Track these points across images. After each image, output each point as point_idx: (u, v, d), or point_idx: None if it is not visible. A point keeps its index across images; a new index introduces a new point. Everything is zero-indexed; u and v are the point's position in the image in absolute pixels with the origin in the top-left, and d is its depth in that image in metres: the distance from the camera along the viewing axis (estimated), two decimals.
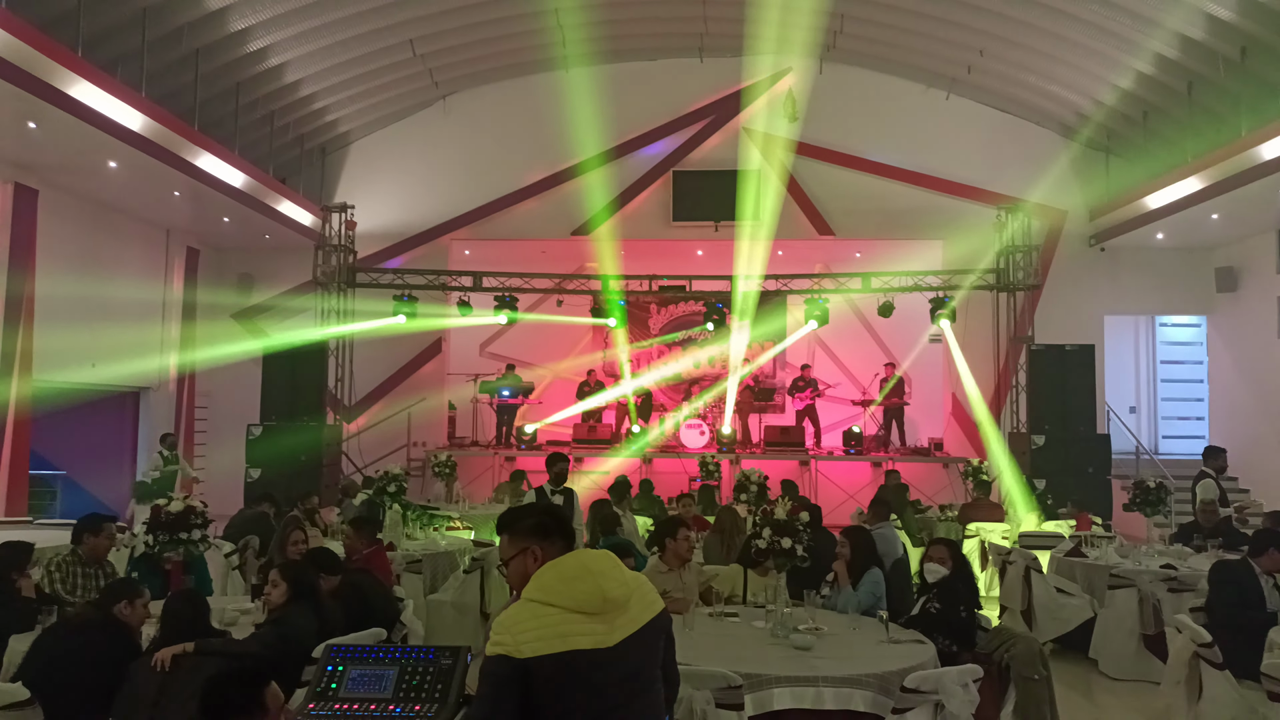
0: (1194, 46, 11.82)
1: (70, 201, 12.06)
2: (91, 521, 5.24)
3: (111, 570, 5.21)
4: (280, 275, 15.91)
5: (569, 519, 2.61)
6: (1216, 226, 13.69)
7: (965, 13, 13.14)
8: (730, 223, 15.62)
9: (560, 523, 2.53)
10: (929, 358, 16.05)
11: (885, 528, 6.95)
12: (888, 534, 6.86)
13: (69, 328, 12.12)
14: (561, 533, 2.49)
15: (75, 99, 9.29)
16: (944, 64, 14.79)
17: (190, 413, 15.06)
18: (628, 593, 2.36)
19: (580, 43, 15.13)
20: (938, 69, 15.02)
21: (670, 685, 2.52)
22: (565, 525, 2.53)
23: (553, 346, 16.66)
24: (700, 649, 4.19)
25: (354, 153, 16.39)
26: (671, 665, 2.53)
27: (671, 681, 2.53)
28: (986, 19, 13.11)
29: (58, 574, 5.03)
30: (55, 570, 5.05)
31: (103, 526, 5.23)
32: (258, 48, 12.38)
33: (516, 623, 2.27)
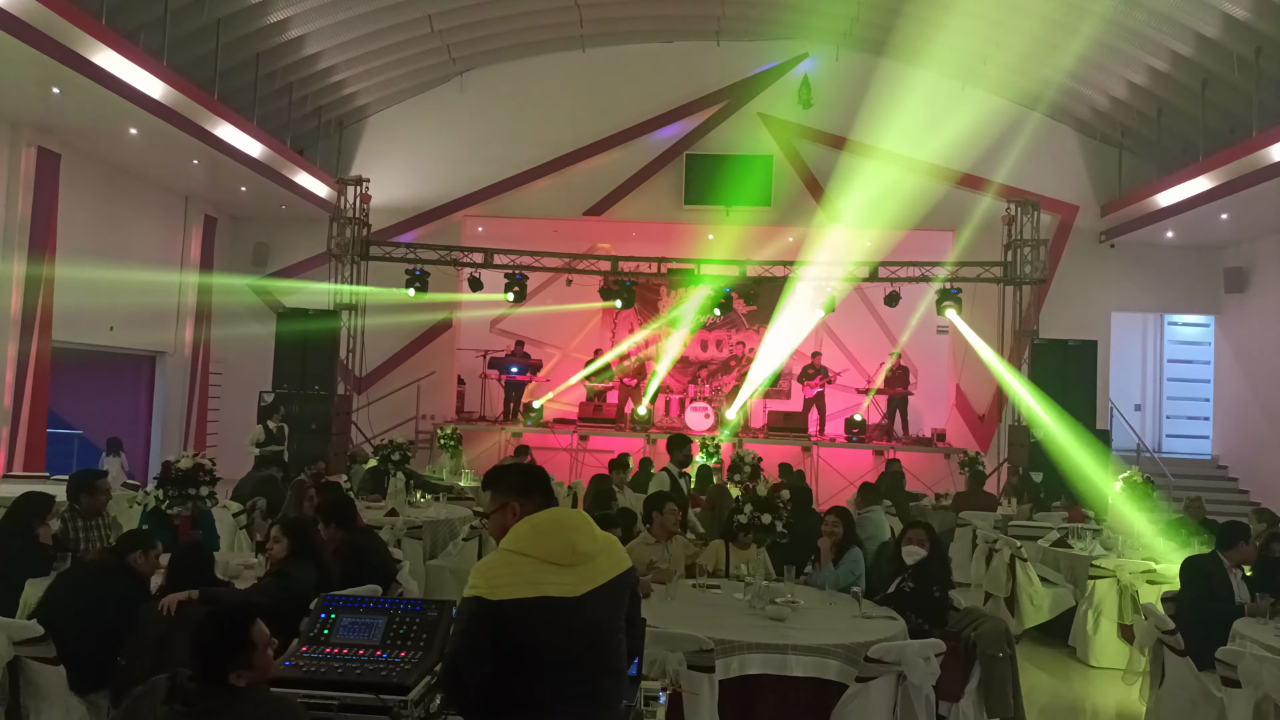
0: (1208, 44, 11.81)
1: (91, 166, 12.29)
2: (85, 479, 5.51)
3: (110, 522, 5.45)
4: (295, 246, 16.13)
5: (549, 479, 2.79)
6: (1226, 226, 13.71)
7: (983, 4, 13.13)
8: (741, 207, 15.73)
9: (540, 481, 2.72)
10: (935, 349, 16.14)
11: (874, 511, 7.11)
12: (875, 517, 7.02)
13: (88, 290, 12.36)
14: (540, 490, 2.67)
15: (98, 65, 9.48)
16: (959, 54, 14.76)
17: (205, 379, 15.34)
18: (596, 549, 2.55)
19: (598, 23, 15.23)
20: (952, 59, 14.98)
21: (634, 637, 2.71)
22: (545, 484, 2.72)
23: (563, 325, 16.82)
24: (680, 616, 4.39)
25: (371, 126, 16.55)
26: (636, 619, 2.72)
27: (635, 634, 2.72)
28: (1003, 11, 13.11)
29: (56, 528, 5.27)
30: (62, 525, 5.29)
31: (96, 484, 5.48)
32: (278, 19, 12.53)
33: (491, 569, 2.48)
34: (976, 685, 4.43)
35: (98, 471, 5.65)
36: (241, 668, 2.51)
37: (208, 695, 2.44)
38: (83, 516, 5.44)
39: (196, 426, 15.04)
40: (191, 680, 2.47)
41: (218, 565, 4.55)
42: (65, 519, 5.43)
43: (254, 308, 16.13)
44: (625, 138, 15.98)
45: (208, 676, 2.47)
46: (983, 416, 15.50)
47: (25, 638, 3.61)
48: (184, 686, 2.46)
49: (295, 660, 3.05)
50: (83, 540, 5.36)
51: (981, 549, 7.88)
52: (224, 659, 2.50)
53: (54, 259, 11.29)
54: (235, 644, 2.52)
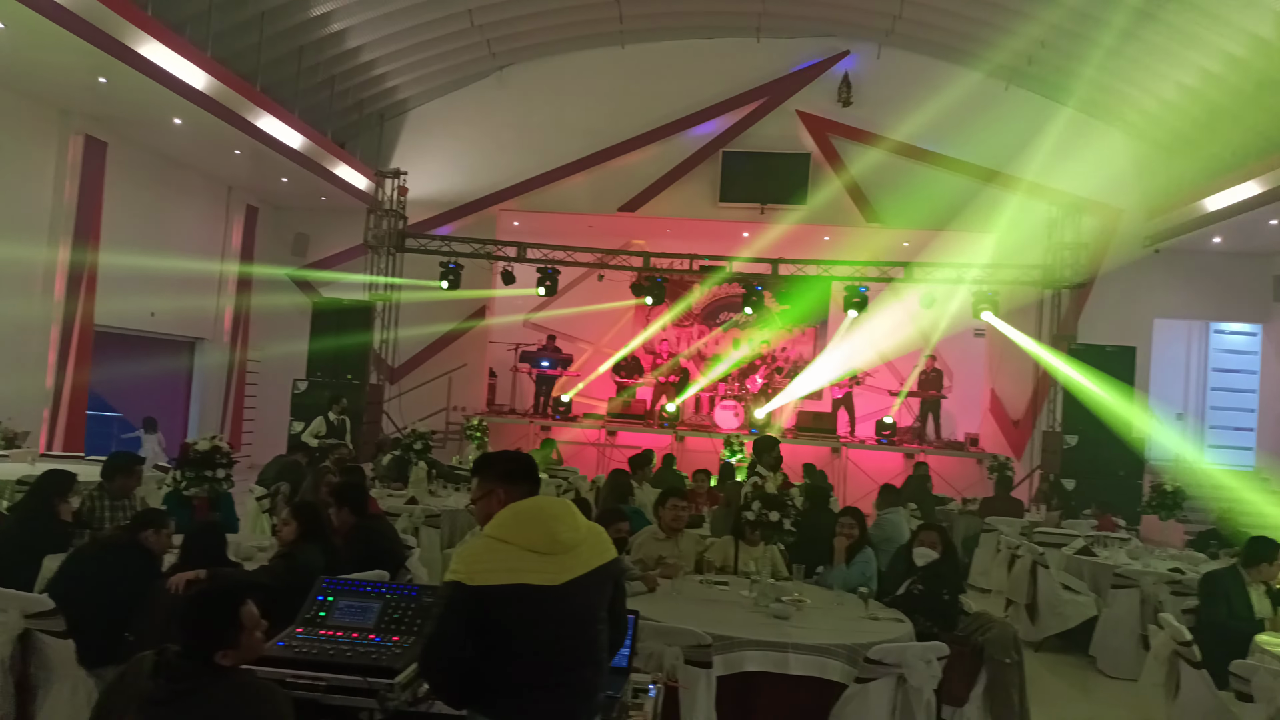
0: (1262, 46, 11.47)
1: (137, 155, 12.58)
2: (124, 460, 5.61)
3: (138, 503, 5.56)
4: (334, 237, 16.35)
5: (536, 468, 2.78)
6: (1276, 233, 13.32)
7: (1028, 2, 12.91)
8: (777, 206, 15.63)
9: (526, 470, 2.71)
10: (971, 352, 15.92)
11: (894, 513, 7.05)
12: (895, 519, 6.96)
13: (131, 276, 12.66)
14: (526, 478, 2.68)
15: (144, 56, 9.69)
16: (1004, 54, 14.50)
17: (242, 366, 15.63)
18: (579, 539, 2.55)
19: (638, 19, 15.22)
20: (998, 58, 14.73)
21: (616, 629, 2.70)
22: (531, 472, 2.72)
23: (595, 321, 16.85)
24: (683, 610, 4.38)
25: (411, 120, 16.71)
26: (619, 610, 2.72)
27: (618, 625, 2.72)
28: (1050, 9, 12.85)
29: (86, 506, 5.40)
30: (84, 504, 5.42)
31: (134, 468, 5.60)
32: (321, 13, 12.71)
33: (472, 554, 2.51)
34: (983, 691, 4.36)
35: (137, 456, 5.80)
36: (228, 647, 2.56)
37: (191, 673, 2.48)
38: (111, 496, 5.58)
39: (233, 412, 15.32)
40: (178, 657, 2.52)
41: (231, 547, 4.64)
42: (94, 497, 5.57)
43: (293, 297, 16.39)
44: (662, 134, 15.95)
45: (193, 654, 2.52)
46: (1017, 422, 15.24)
47: (36, 610, 3.71)
48: (169, 663, 2.50)
49: (289, 641, 3.10)
50: (109, 519, 5.49)
51: (1004, 555, 7.76)
52: (211, 638, 2.54)
53: (98, 245, 11.58)
54: (223, 623, 2.57)
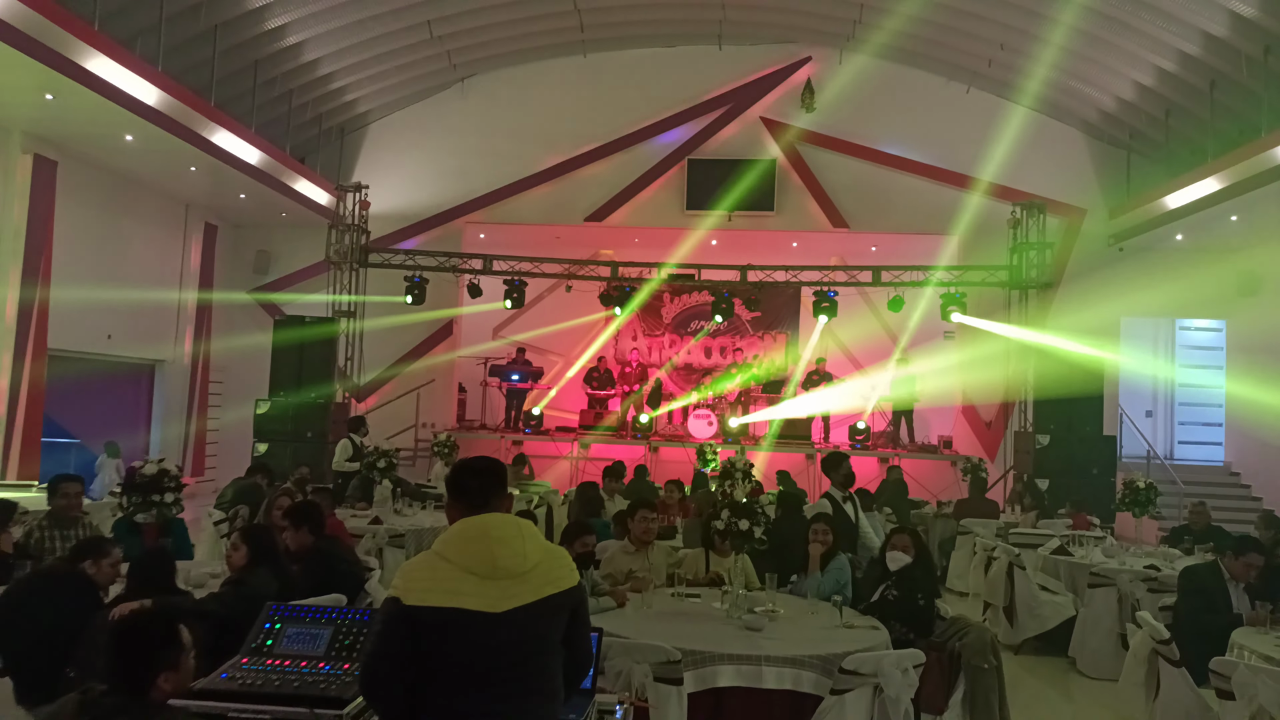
0: (1216, 44, 11.63)
1: (89, 174, 12.29)
2: (53, 482, 5.38)
3: (90, 530, 5.33)
4: (296, 253, 16.10)
5: (496, 479, 2.58)
6: (1237, 228, 13.47)
7: (986, 5, 13.01)
8: (744, 213, 15.61)
9: (479, 482, 2.52)
10: (941, 354, 15.93)
11: (868, 518, 6.94)
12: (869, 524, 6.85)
13: (86, 299, 12.36)
14: (475, 492, 2.50)
15: (91, 72, 9.46)
16: (965, 57, 14.65)
17: (204, 387, 15.31)
18: (526, 564, 2.38)
19: (598, 28, 15.16)
20: (958, 62, 14.88)
21: (576, 663, 2.53)
22: (482, 484, 2.51)
23: (565, 332, 16.68)
24: (652, 626, 4.24)
25: (372, 133, 16.53)
26: (580, 641, 2.53)
27: (578, 657, 2.54)
28: (1007, 12, 12.97)
29: (35, 536, 5.16)
30: (32, 534, 5.18)
31: (61, 488, 5.34)
32: (275, 25, 12.52)
33: (412, 570, 2.37)
34: (962, 698, 4.26)
35: (70, 475, 5.52)
36: (168, 669, 2.40)
37: (120, 710, 2.32)
38: (59, 525, 5.35)
39: (196, 435, 14.99)
40: (104, 695, 2.35)
41: (182, 574, 4.44)
42: (41, 526, 5.33)
43: (255, 316, 16.13)
44: (627, 143, 15.90)
45: (129, 684, 2.35)
46: (989, 423, 15.29)
47: None
48: (95, 702, 2.33)
49: (233, 672, 2.93)
50: (58, 549, 5.26)
51: (980, 557, 7.70)
52: (150, 661, 2.38)
53: (50, 267, 11.27)
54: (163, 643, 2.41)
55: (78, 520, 5.40)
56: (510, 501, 2.63)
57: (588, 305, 15.35)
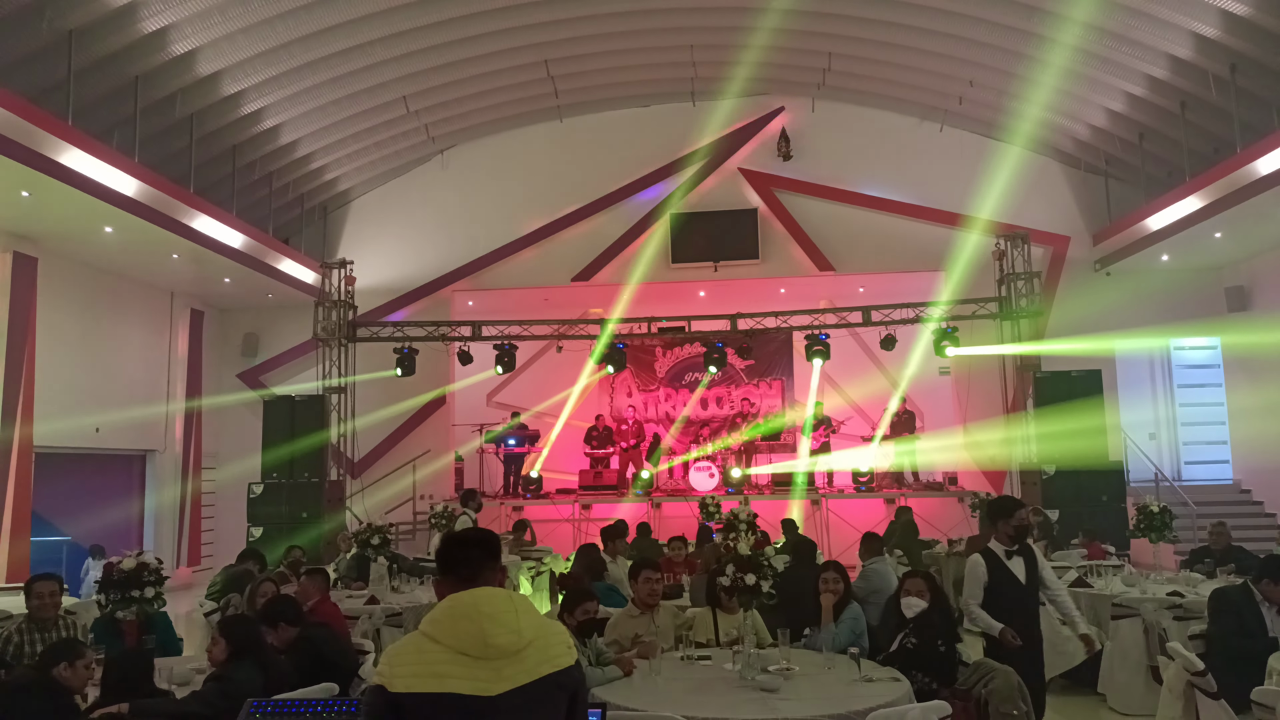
0: (1183, 66, 11.76)
1: (71, 268, 12.24)
2: (27, 585, 5.17)
3: (71, 630, 5.10)
4: (285, 334, 16.04)
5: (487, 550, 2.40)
6: (1222, 245, 13.49)
7: (951, 44, 13.18)
8: (730, 263, 15.62)
9: (465, 554, 2.35)
10: (940, 391, 15.82)
11: (879, 562, 6.75)
12: (881, 569, 6.66)
13: (72, 393, 12.24)
14: (465, 564, 2.33)
15: (67, 166, 9.46)
16: (935, 96, 14.82)
17: (197, 474, 15.08)
18: (520, 642, 2.20)
19: (573, 93, 15.34)
20: (929, 101, 15.04)
21: None
22: (474, 559, 2.34)
23: (559, 394, 16.54)
24: (663, 694, 4.03)
25: (355, 210, 16.59)
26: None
27: None
28: (972, 49, 13.14)
29: (14, 641, 4.93)
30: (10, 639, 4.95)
31: (33, 589, 5.11)
32: (251, 110, 12.60)
33: (397, 654, 2.19)
34: None
35: (43, 575, 5.30)
36: None
37: None
38: (37, 628, 5.12)
39: (190, 523, 14.72)
40: None
41: (165, 671, 4.23)
42: (21, 630, 5.10)
43: (245, 399, 15.98)
44: (609, 202, 15.98)
45: None
46: (994, 457, 15.07)
47: None
48: None
49: None
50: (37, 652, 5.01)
51: None
52: None
53: (33, 364, 11.15)
54: None
55: (57, 621, 5.17)
56: (504, 575, 2.44)
57: (579, 365, 15.25)
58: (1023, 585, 4.90)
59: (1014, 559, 4.92)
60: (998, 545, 4.97)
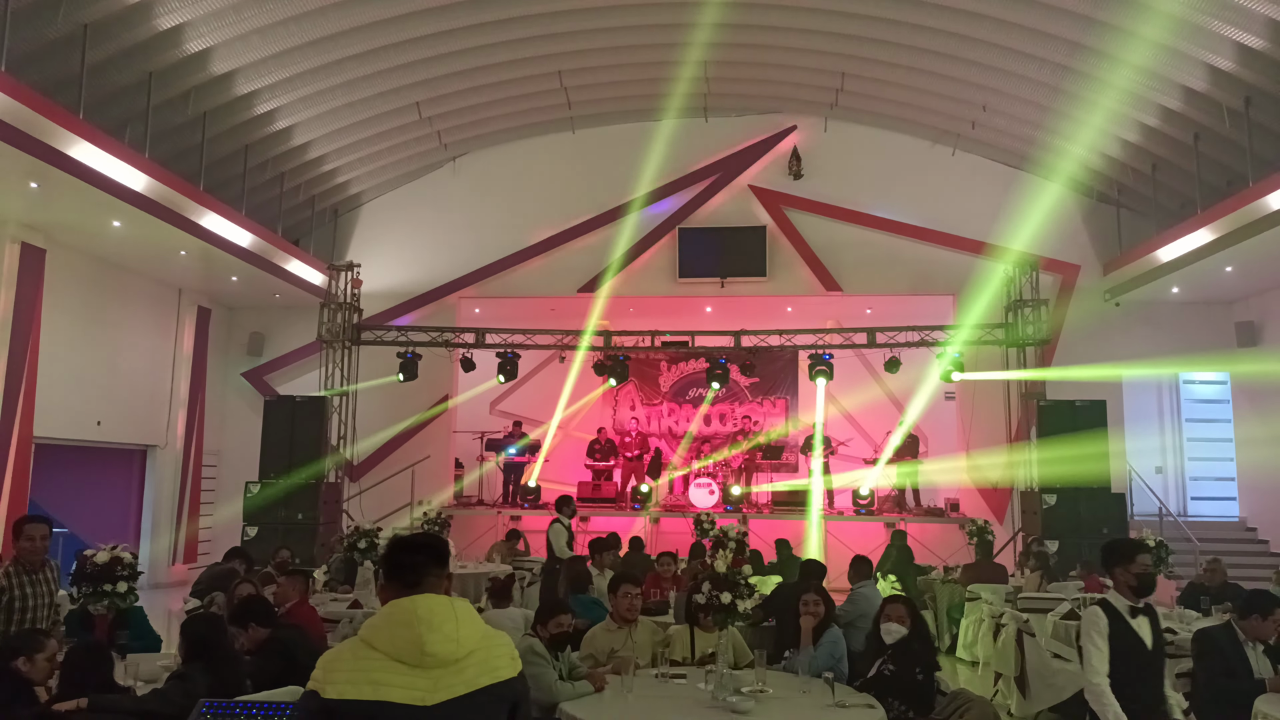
0: (1197, 98, 11.68)
1: (79, 261, 12.30)
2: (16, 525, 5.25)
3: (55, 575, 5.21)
4: (291, 334, 16.07)
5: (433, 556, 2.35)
6: (1233, 279, 13.37)
7: (966, 69, 13.14)
8: (736, 279, 15.59)
9: (409, 560, 2.31)
10: (944, 416, 15.70)
11: (866, 586, 6.67)
12: (869, 593, 6.57)
13: (75, 385, 12.27)
14: (410, 570, 2.29)
15: (76, 159, 9.50)
16: (948, 120, 14.77)
17: (197, 471, 15.09)
18: (459, 651, 2.16)
19: (585, 104, 15.37)
20: (942, 124, 15.00)
21: None
22: (418, 565, 2.31)
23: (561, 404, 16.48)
24: (632, 711, 3.97)
25: (366, 213, 16.64)
26: None
27: None
28: (987, 74, 13.09)
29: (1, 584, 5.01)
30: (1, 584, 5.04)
31: (23, 530, 5.17)
32: (264, 111, 12.66)
33: (334, 660, 2.16)
34: None
35: (34, 516, 5.40)
36: None
37: None
38: (25, 570, 5.15)
39: (188, 521, 14.73)
40: None
41: (131, 668, 4.19)
42: (8, 572, 5.12)
43: (248, 398, 16.02)
44: (617, 214, 15.96)
45: None
46: (996, 484, 14.94)
47: None
48: None
49: None
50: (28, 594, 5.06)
51: (988, 624, 7.36)
52: None
53: (37, 355, 11.18)
54: None
55: (45, 565, 5.23)
56: (449, 583, 2.40)
57: (583, 376, 15.23)
58: (1149, 651, 3.93)
59: (1138, 617, 3.93)
60: (1119, 599, 3.98)
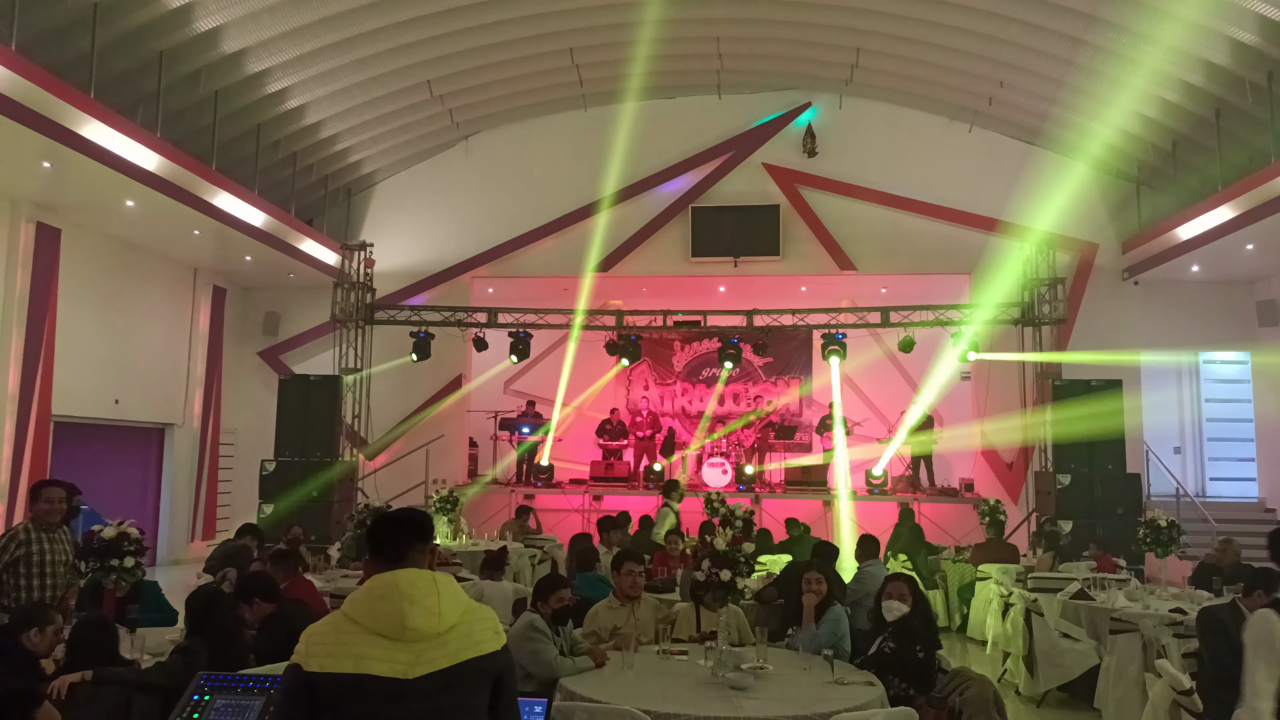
0: (1219, 73, 11.46)
1: (94, 240, 12.39)
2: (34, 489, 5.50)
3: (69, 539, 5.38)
4: (305, 313, 16.15)
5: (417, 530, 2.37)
6: (1254, 258, 13.15)
7: (982, 44, 12.93)
8: (750, 258, 15.49)
9: (390, 535, 2.34)
10: (959, 395, 15.60)
11: (873, 565, 6.65)
12: (875, 572, 6.55)
13: (92, 364, 12.41)
14: (393, 545, 2.32)
15: (88, 139, 9.54)
16: (964, 96, 14.56)
17: (214, 450, 15.24)
18: (441, 625, 2.17)
19: (598, 82, 15.25)
20: (958, 101, 14.79)
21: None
22: (400, 540, 2.33)
23: (576, 384, 16.51)
24: (631, 687, 3.98)
25: (379, 192, 16.64)
26: (507, 714, 2.30)
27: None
28: (1004, 49, 12.88)
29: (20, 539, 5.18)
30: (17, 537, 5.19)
31: (41, 493, 5.35)
32: (276, 90, 12.65)
33: (316, 634, 2.18)
34: None
35: (52, 480, 5.64)
36: None
37: None
38: (42, 529, 5.30)
39: (206, 498, 14.89)
40: None
41: (139, 641, 4.25)
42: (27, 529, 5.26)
43: (264, 377, 16.13)
44: (631, 193, 15.88)
45: None
46: (1010, 464, 14.85)
47: None
48: None
49: None
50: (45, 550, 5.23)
51: (997, 603, 7.33)
52: None
53: (54, 335, 11.30)
54: None
55: (60, 526, 5.40)
56: (432, 557, 2.41)
57: (597, 355, 15.23)
58: None
59: None
60: None
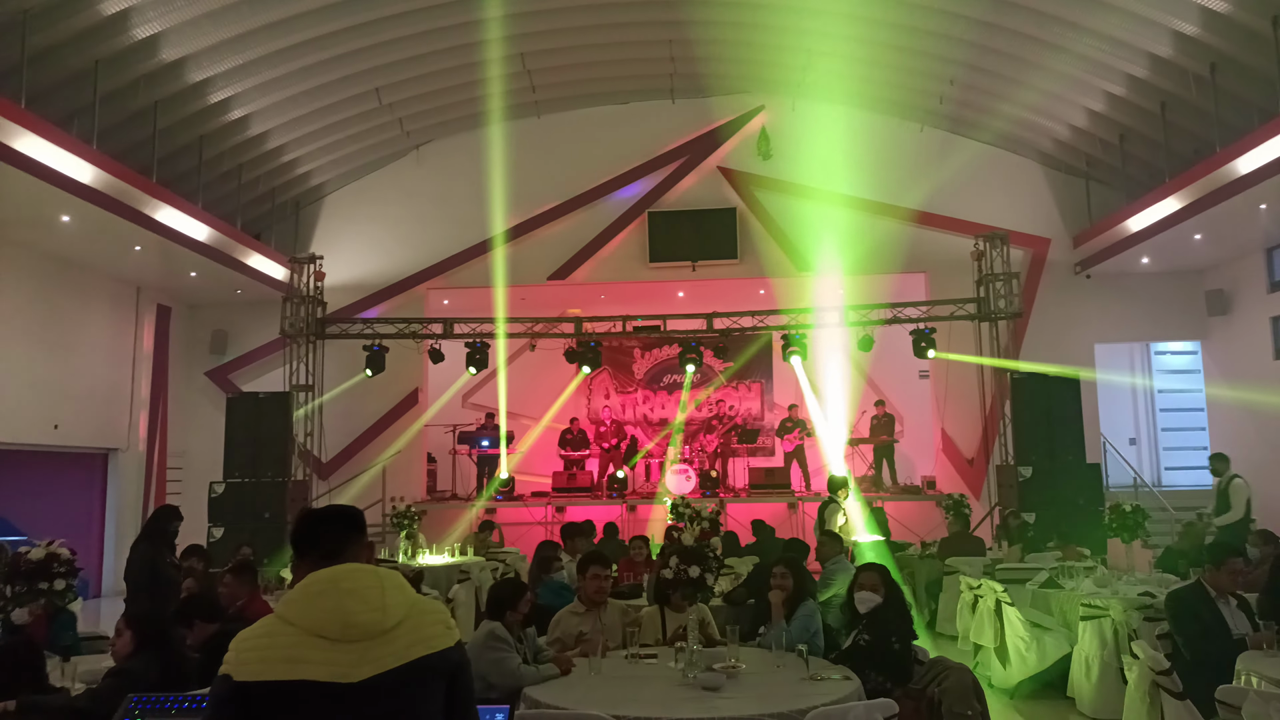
0: (1163, 65, 11.64)
1: (29, 257, 11.93)
2: None
3: None
4: (255, 331, 15.72)
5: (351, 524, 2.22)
6: (1202, 248, 13.38)
7: (931, 42, 13.02)
8: (708, 262, 15.42)
9: (328, 531, 2.18)
10: (919, 393, 15.66)
11: (839, 562, 6.54)
12: (842, 568, 6.45)
13: (28, 387, 11.91)
14: (328, 539, 2.15)
15: (20, 151, 9.17)
16: (915, 95, 14.67)
17: (162, 474, 14.76)
18: (387, 621, 1.96)
19: (550, 88, 15.12)
20: (909, 101, 14.90)
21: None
22: (335, 535, 2.18)
23: (537, 395, 16.29)
24: (599, 692, 3.80)
25: (329, 205, 16.30)
26: (463, 713, 2.09)
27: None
28: (952, 47, 12.98)
29: None
30: None
31: None
32: (218, 100, 12.32)
33: (246, 639, 1.96)
34: None
35: None
36: None
37: None
38: None
39: None
40: None
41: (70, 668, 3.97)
42: None
43: (213, 397, 15.66)
44: (586, 200, 15.74)
45: None
46: (971, 460, 14.92)
47: None
48: None
49: None
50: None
51: (966, 596, 7.26)
52: None
53: None
54: None
55: None
56: (371, 552, 2.22)
57: (556, 365, 15.01)
58: None
59: None
60: None
